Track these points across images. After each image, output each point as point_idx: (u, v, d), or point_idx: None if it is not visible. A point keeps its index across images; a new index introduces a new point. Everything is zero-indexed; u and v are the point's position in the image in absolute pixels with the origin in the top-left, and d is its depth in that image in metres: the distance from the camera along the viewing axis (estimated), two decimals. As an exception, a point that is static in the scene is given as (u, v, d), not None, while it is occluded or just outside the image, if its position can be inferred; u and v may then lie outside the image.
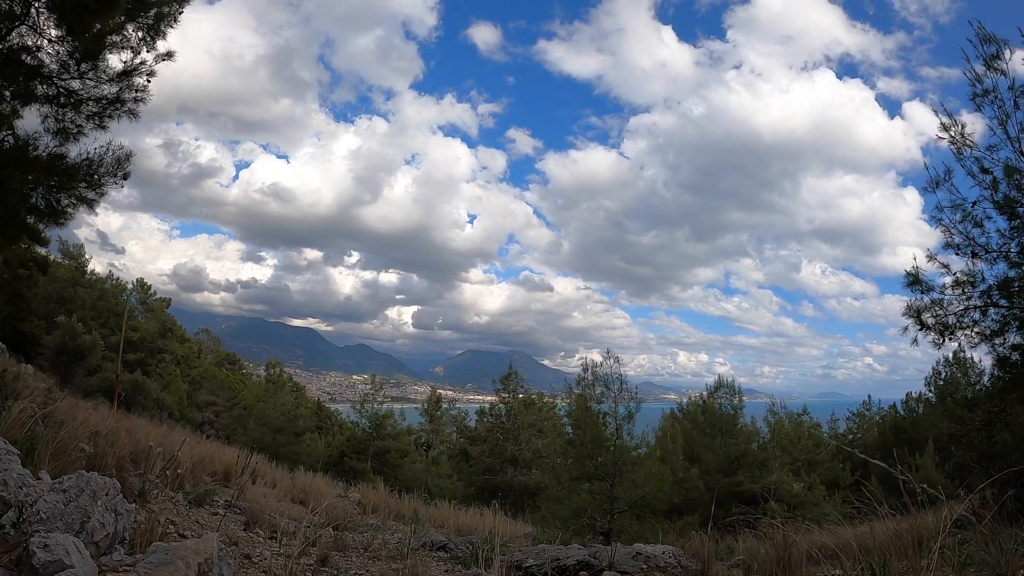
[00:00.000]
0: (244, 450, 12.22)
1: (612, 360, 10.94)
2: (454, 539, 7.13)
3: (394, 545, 6.00)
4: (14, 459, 3.05)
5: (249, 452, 11.89)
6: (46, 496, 2.83)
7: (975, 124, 5.56)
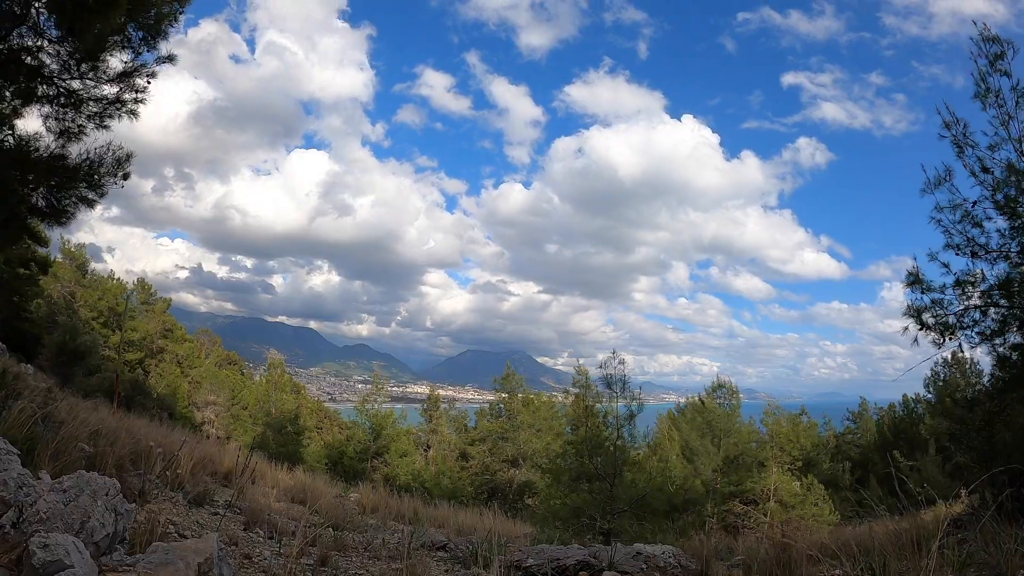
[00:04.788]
0: (244, 450, 12.22)
1: (618, 361, 10.85)
2: (454, 539, 7.13)
3: (394, 545, 5.99)
4: (14, 459, 3.05)
5: (249, 452, 11.88)
6: (46, 496, 2.83)
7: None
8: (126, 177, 6.41)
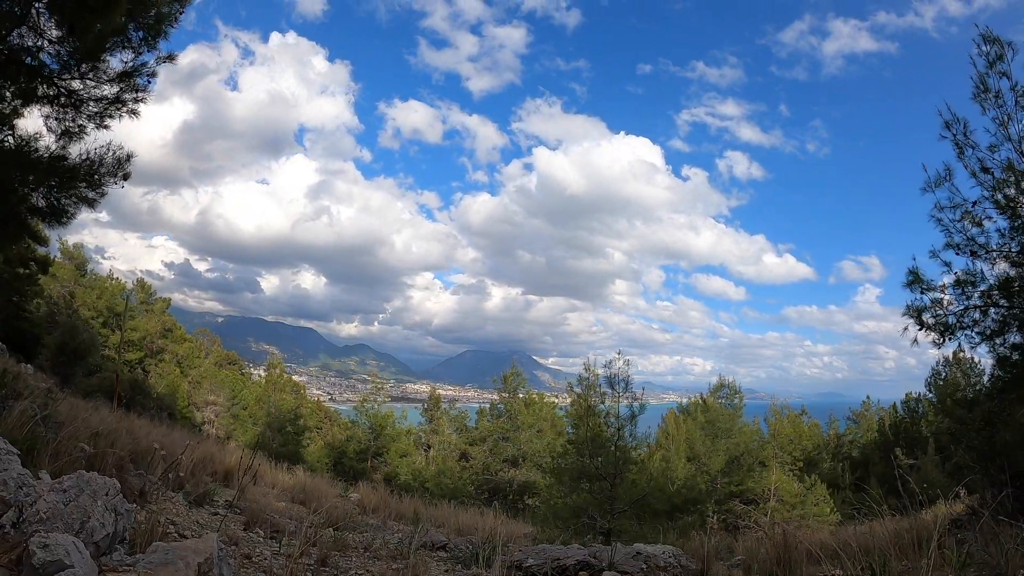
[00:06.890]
0: (244, 450, 12.21)
1: (623, 362, 10.78)
2: (454, 539, 7.13)
3: (394, 545, 6.00)
4: (14, 459, 3.05)
5: (249, 452, 11.88)
6: (46, 496, 2.83)
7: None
8: (126, 177, 6.41)
